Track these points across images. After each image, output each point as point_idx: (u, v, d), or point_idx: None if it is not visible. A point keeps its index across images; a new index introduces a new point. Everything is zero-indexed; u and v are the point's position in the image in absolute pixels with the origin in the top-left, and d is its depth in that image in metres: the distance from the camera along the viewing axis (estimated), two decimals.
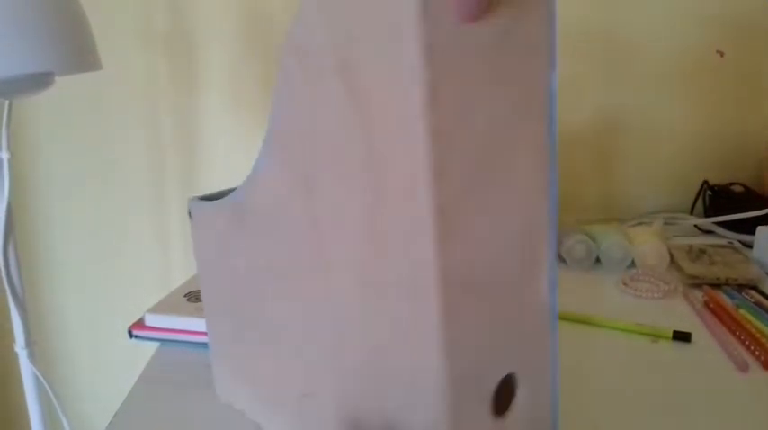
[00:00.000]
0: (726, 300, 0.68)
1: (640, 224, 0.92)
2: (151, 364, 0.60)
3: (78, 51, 0.64)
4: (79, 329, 1.13)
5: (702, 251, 0.82)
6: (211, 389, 0.54)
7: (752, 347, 0.57)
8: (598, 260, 0.81)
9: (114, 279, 1.11)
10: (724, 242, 0.87)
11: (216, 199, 0.45)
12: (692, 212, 1.02)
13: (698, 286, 0.73)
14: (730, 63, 1.02)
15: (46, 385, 0.74)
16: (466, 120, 0.27)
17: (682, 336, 0.60)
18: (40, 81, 0.62)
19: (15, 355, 0.74)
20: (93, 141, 1.05)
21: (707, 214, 0.98)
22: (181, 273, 1.11)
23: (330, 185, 0.32)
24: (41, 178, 1.06)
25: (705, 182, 1.00)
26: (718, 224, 0.93)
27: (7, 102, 0.66)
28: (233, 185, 1.07)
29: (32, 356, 0.73)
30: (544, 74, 0.30)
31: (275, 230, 0.37)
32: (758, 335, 0.59)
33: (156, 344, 0.65)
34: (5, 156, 0.68)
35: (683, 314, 0.66)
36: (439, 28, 0.25)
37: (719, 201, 0.96)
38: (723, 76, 1.03)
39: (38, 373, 0.73)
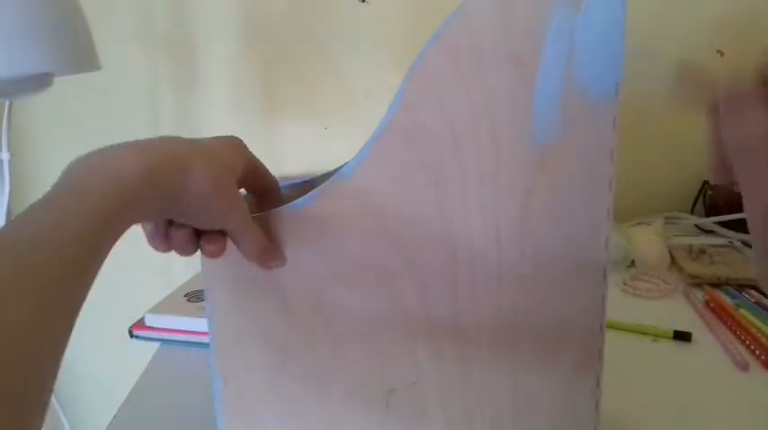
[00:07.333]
0: (726, 300, 0.68)
1: (640, 224, 0.92)
2: (151, 364, 0.60)
3: (78, 51, 0.64)
4: (79, 329, 1.12)
5: (703, 251, 0.82)
6: (211, 389, 0.54)
7: (752, 347, 0.57)
8: None
9: (114, 279, 1.10)
10: (724, 242, 0.86)
11: None
12: (692, 212, 1.02)
13: (698, 286, 0.73)
14: (730, 63, 1.02)
15: None
16: None
17: (682, 336, 0.60)
18: (39, 81, 0.62)
19: None
20: (94, 141, 1.04)
21: (707, 214, 0.98)
22: (181, 273, 1.11)
23: (480, 156, 0.36)
24: (42, 178, 1.06)
25: (706, 181, 1.00)
26: (719, 224, 0.93)
27: (7, 102, 0.66)
28: None
29: None
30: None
31: (375, 228, 0.37)
32: (758, 335, 0.59)
33: (156, 345, 0.65)
34: (6, 156, 0.67)
35: (683, 314, 0.66)
36: None
37: (720, 200, 0.96)
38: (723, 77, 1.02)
39: None
